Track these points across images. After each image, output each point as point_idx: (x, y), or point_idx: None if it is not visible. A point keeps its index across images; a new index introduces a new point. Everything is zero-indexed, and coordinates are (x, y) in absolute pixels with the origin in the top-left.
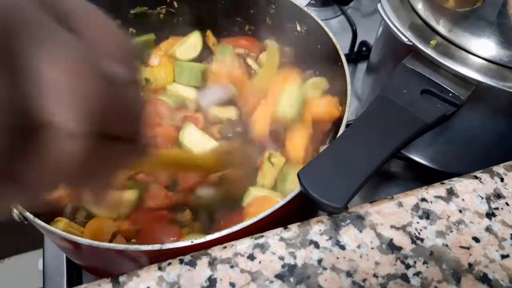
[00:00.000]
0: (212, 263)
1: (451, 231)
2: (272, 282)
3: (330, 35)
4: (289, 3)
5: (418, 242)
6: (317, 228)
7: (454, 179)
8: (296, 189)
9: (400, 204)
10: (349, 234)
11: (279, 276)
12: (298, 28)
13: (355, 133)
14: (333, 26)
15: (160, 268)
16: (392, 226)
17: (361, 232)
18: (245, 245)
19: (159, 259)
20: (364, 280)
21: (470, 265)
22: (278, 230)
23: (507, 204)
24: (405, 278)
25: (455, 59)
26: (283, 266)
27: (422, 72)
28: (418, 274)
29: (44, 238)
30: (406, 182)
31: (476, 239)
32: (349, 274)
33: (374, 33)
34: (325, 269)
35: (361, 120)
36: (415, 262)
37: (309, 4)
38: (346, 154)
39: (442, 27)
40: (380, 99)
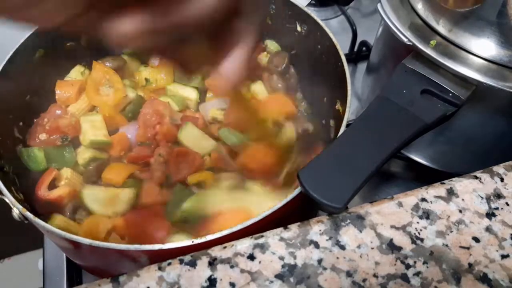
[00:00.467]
0: (212, 263)
1: (451, 231)
2: (272, 282)
3: (330, 35)
4: (289, 3)
5: (418, 242)
6: (317, 228)
7: (454, 179)
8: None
9: (400, 204)
10: (349, 234)
11: (279, 276)
12: (298, 28)
13: (355, 133)
14: (333, 26)
15: (160, 268)
16: (392, 226)
17: (361, 232)
18: (245, 245)
19: (159, 259)
20: (364, 280)
21: (470, 265)
22: (278, 230)
23: (507, 204)
24: (405, 278)
25: (455, 59)
26: (283, 266)
27: (422, 72)
28: (418, 274)
29: (44, 238)
30: (406, 182)
31: (476, 239)
32: (349, 274)
33: (374, 33)
34: (325, 269)
35: (361, 120)
36: (415, 262)
37: (309, 4)
38: (346, 154)
39: (442, 27)
40: (380, 99)
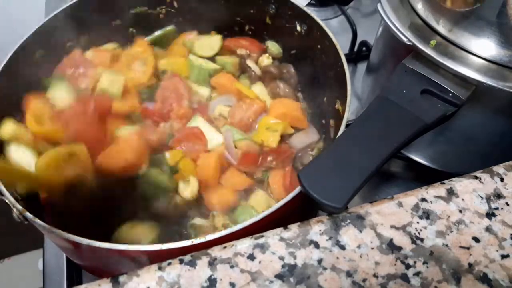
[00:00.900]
0: (212, 263)
1: (451, 231)
2: (272, 282)
3: (330, 35)
4: (289, 3)
5: (418, 242)
6: (317, 228)
7: (454, 179)
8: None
9: (400, 204)
10: (349, 234)
11: (279, 276)
12: (298, 28)
13: (355, 133)
14: (333, 26)
15: (160, 268)
16: (392, 226)
17: (361, 232)
18: (245, 245)
19: (159, 259)
20: (364, 280)
21: (470, 265)
22: (278, 230)
23: (507, 204)
24: (405, 278)
25: (455, 59)
26: (283, 266)
27: (422, 72)
28: (418, 274)
29: (44, 238)
30: (406, 182)
31: (476, 239)
32: (349, 274)
33: (374, 33)
34: (325, 269)
35: (361, 120)
36: (415, 262)
37: (309, 4)
38: (346, 154)
39: (442, 27)
40: (380, 99)
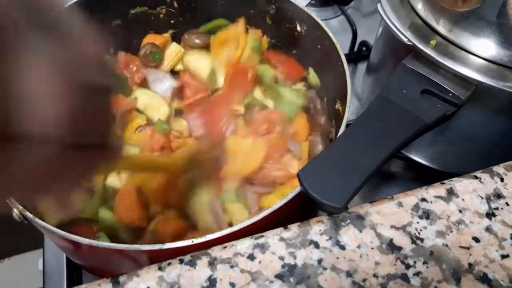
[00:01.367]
0: (212, 263)
1: (451, 231)
2: (272, 282)
3: (330, 35)
4: (289, 3)
5: (418, 242)
6: (317, 228)
7: (454, 179)
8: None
9: (400, 204)
10: (349, 234)
11: (279, 276)
12: (298, 28)
13: (355, 133)
14: (333, 26)
15: (160, 268)
16: (392, 226)
17: (361, 232)
18: (245, 245)
19: (159, 259)
20: (364, 280)
21: (470, 265)
22: (278, 230)
23: (507, 204)
24: (405, 278)
25: (455, 59)
26: (283, 266)
27: (422, 72)
28: (418, 274)
29: (44, 238)
30: (406, 182)
31: (476, 239)
32: (349, 274)
33: (374, 33)
34: (325, 269)
35: (361, 120)
36: (415, 262)
37: (309, 4)
38: (346, 154)
39: (442, 27)
40: (380, 99)
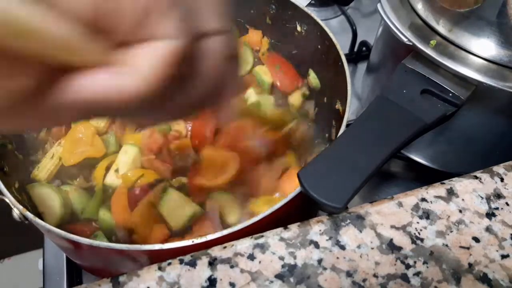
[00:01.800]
0: (212, 263)
1: (451, 231)
2: (272, 282)
3: (330, 35)
4: (289, 3)
5: (418, 242)
6: (317, 228)
7: (454, 179)
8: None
9: (400, 204)
10: (349, 234)
11: (279, 276)
12: (298, 28)
13: (355, 133)
14: (333, 26)
15: (160, 268)
16: (392, 226)
17: (361, 232)
18: (245, 245)
19: (159, 259)
20: (364, 280)
21: (470, 265)
22: (278, 230)
23: (507, 204)
24: (405, 278)
25: (455, 59)
26: (283, 266)
27: (422, 72)
28: (418, 274)
29: (44, 238)
30: (406, 182)
31: (476, 239)
32: (349, 274)
33: (374, 33)
34: (325, 269)
35: (361, 120)
36: (415, 262)
37: (309, 4)
38: (346, 154)
39: (442, 27)
40: (380, 99)
